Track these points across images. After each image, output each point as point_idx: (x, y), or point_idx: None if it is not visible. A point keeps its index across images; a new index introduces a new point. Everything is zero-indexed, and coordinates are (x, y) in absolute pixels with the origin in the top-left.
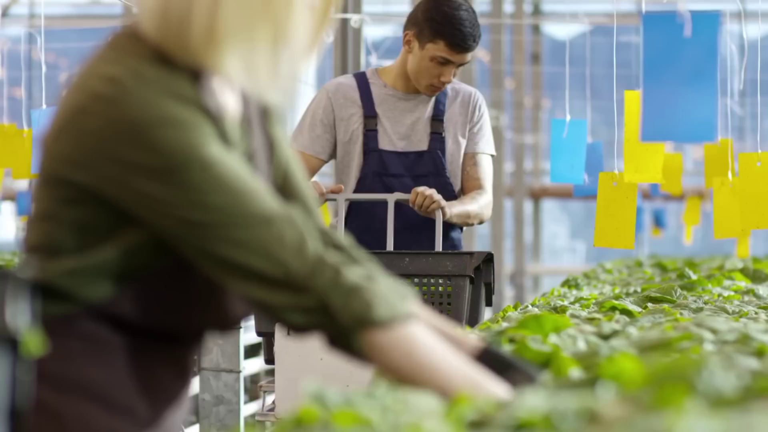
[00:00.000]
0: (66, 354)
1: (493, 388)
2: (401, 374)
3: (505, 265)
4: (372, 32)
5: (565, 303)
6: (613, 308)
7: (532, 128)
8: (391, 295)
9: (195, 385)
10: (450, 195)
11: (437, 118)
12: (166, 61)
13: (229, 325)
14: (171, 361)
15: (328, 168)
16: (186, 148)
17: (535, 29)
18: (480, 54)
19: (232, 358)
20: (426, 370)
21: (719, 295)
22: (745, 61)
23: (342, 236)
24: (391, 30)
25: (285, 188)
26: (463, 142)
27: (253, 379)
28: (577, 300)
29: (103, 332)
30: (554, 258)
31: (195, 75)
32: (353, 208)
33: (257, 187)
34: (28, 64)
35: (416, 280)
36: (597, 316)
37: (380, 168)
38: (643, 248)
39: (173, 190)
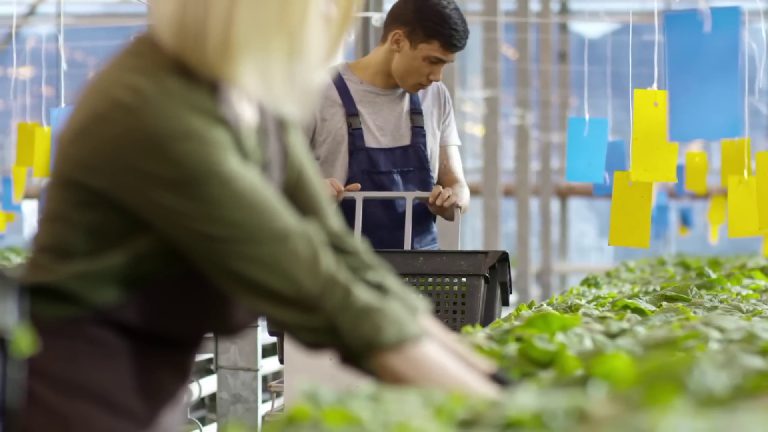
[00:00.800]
0: (71, 356)
1: None
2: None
3: (532, 263)
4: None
5: (582, 302)
6: (626, 307)
7: (560, 127)
8: (402, 315)
9: (213, 384)
10: (430, 188)
11: (416, 111)
12: (186, 71)
13: (234, 332)
14: (172, 364)
15: None
16: (205, 161)
17: (563, 28)
18: (509, 53)
19: (249, 356)
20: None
21: (737, 294)
22: (765, 58)
23: (357, 240)
24: None
25: (298, 192)
26: (438, 135)
27: (275, 377)
28: (595, 299)
29: (109, 336)
30: (582, 257)
31: (213, 86)
32: (343, 207)
33: (274, 203)
34: (55, 62)
35: (430, 279)
36: (609, 314)
37: (369, 166)
38: (671, 247)
39: (190, 202)
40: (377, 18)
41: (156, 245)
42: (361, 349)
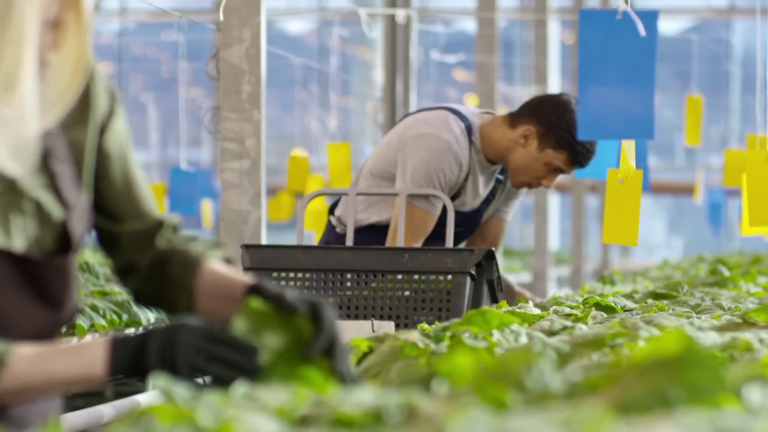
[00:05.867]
0: None
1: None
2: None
3: (591, 260)
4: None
5: (567, 300)
6: (597, 305)
7: None
8: None
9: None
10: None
11: (499, 181)
12: None
13: (31, 336)
14: None
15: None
16: None
17: None
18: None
19: None
20: (43, 388)
21: (745, 292)
22: None
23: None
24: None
25: (128, 196)
26: (496, 208)
27: None
28: (600, 295)
29: None
30: (652, 253)
31: None
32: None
33: None
34: (118, 58)
35: (416, 276)
36: (575, 312)
37: (439, 224)
38: (734, 243)
39: None
40: (402, 15)
41: None
42: None
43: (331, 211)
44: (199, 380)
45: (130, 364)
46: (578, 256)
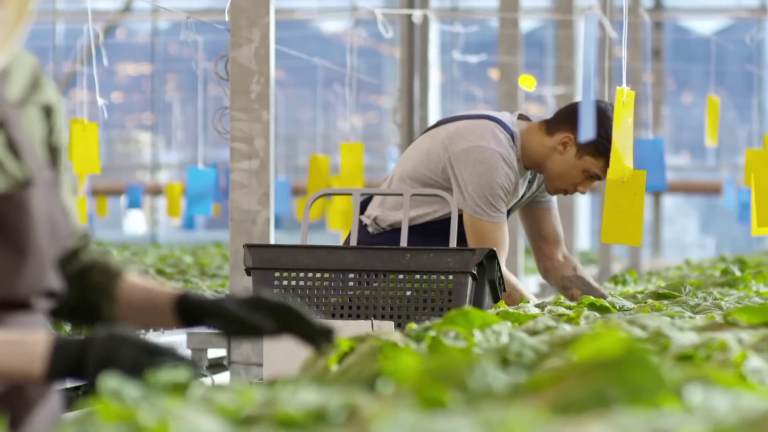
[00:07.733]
0: None
1: (32, 346)
2: None
3: (622, 260)
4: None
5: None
6: (592, 305)
7: (654, 124)
8: None
9: (226, 379)
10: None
11: (530, 181)
12: None
13: (33, 296)
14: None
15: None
16: None
17: (657, 25)
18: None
19: (262, 352)
20: None
21: (754, 292)
22: None
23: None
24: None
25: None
26: (522, 205)
27: None
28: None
29: None
30: (684, 253)
31: None
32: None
33: None
34: (151, 58)
35: (417, 276)
36: (569, 313)
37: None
38: (765, 243)
39: None
40: (417, 15)
41: None
42: None
43: (362, 211)
44: None
45: (69, 369)
46: (606, 256)
